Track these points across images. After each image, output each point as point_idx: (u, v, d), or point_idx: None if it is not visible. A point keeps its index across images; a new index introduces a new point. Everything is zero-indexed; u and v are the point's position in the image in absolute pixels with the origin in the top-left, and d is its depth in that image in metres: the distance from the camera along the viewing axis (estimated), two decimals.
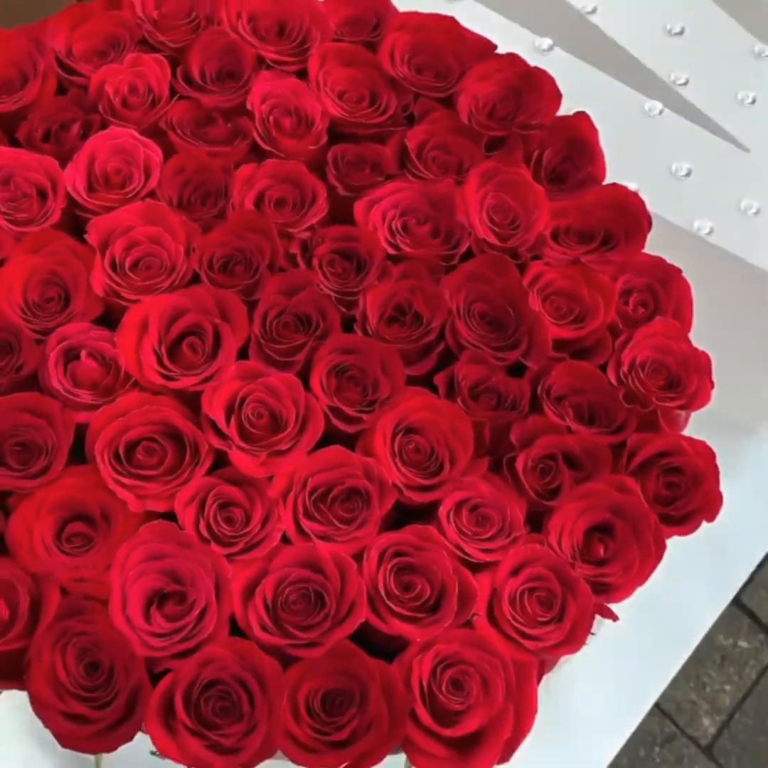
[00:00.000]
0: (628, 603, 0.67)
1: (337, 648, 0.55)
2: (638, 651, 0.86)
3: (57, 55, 0.68)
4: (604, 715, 0.83)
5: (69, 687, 0.53)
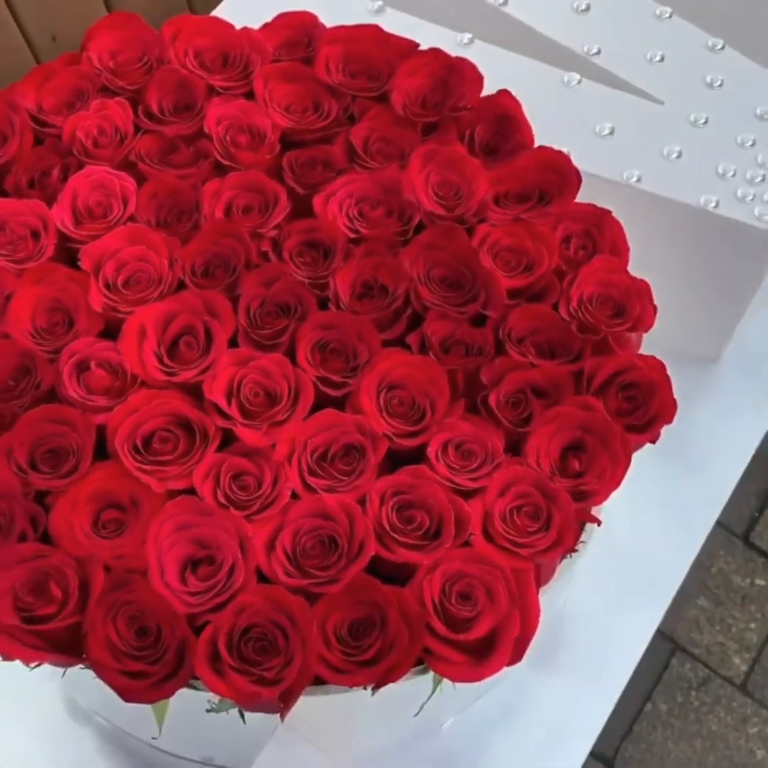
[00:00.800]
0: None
1: (354, 582, 0.61)
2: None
3: (30, 112, 0.75)
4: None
5: (123, 649, 0.59)
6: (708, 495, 0.94)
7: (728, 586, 1.50)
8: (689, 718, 1.41)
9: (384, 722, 0.71)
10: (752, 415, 0.99)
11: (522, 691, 0.84)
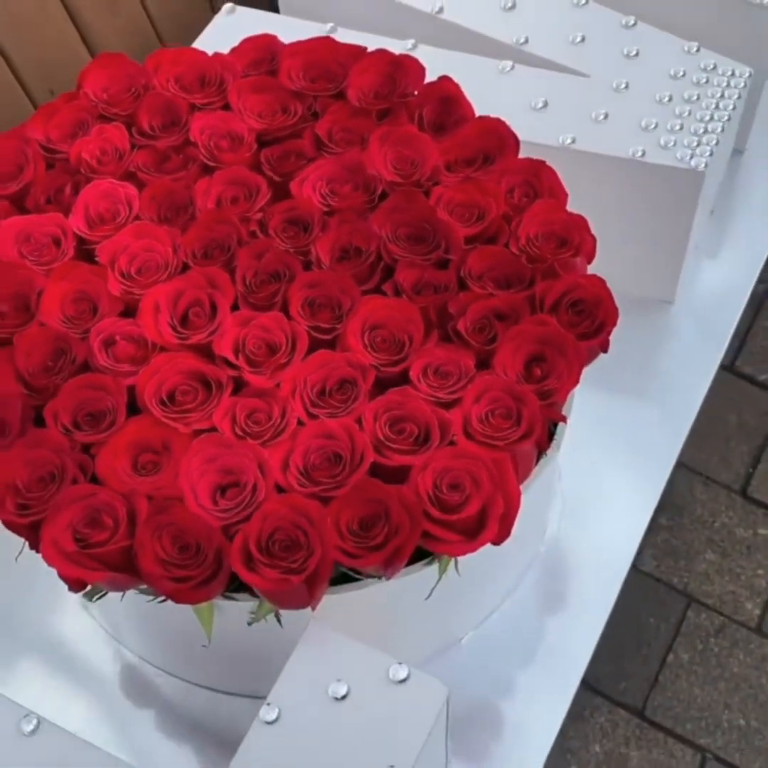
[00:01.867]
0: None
1: (359, 485, 0.71)
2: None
3: (40, 143, 0.87)
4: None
5: (170, 560, 0.69)
6: (670, 430, 1.04)
7: (732, 539, 1.58)
8: (711, 663, 1.49)
9: (406, 620, 0.80)
10: (706, 353, 1.09)
11: (527, 611, 0.93)
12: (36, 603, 0.92)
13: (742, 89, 0.96)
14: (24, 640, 0.90)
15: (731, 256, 1.11)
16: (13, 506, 0.71)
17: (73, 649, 0.91)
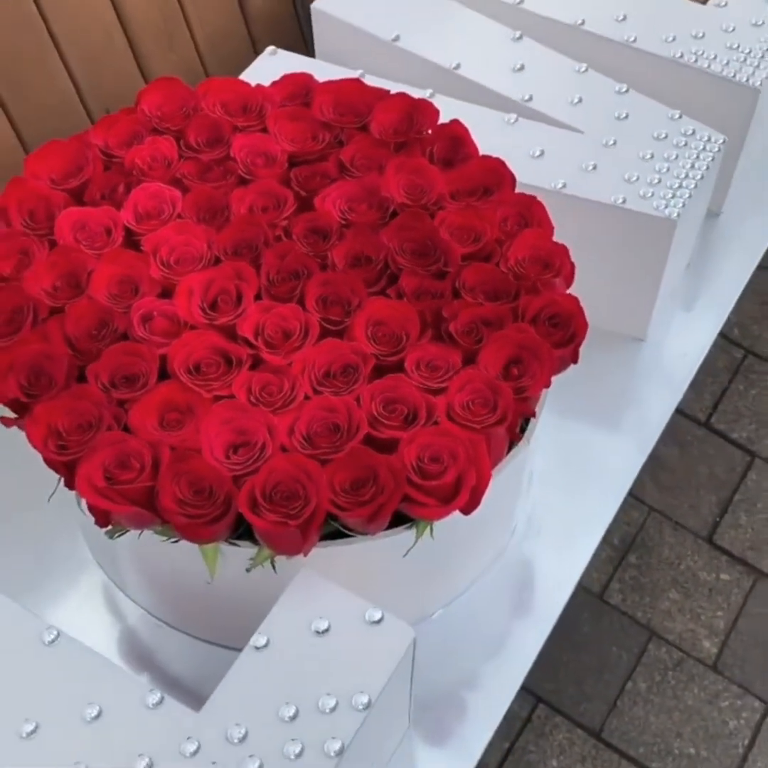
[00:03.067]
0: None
1: (353, 452, 0.81)
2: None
3: (99, 148, 1.00)
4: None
5: (185, 500, 0.79)
6: (630, 456, 1.14)
7: (696, 581, 1.67)
8: (667, 694, 1.56)
9: (386, 582, 0.90)
10: (666, 392, 1.20)
11: (491, 598, 1.03)
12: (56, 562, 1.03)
13: (716, 153, 1.08)
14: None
15: (701, 308, 1.23)
16: (54, 446, 0.81)
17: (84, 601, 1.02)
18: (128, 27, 1.21)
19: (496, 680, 0.98)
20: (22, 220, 0.94)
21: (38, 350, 0.86)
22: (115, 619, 1.00)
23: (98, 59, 1.20)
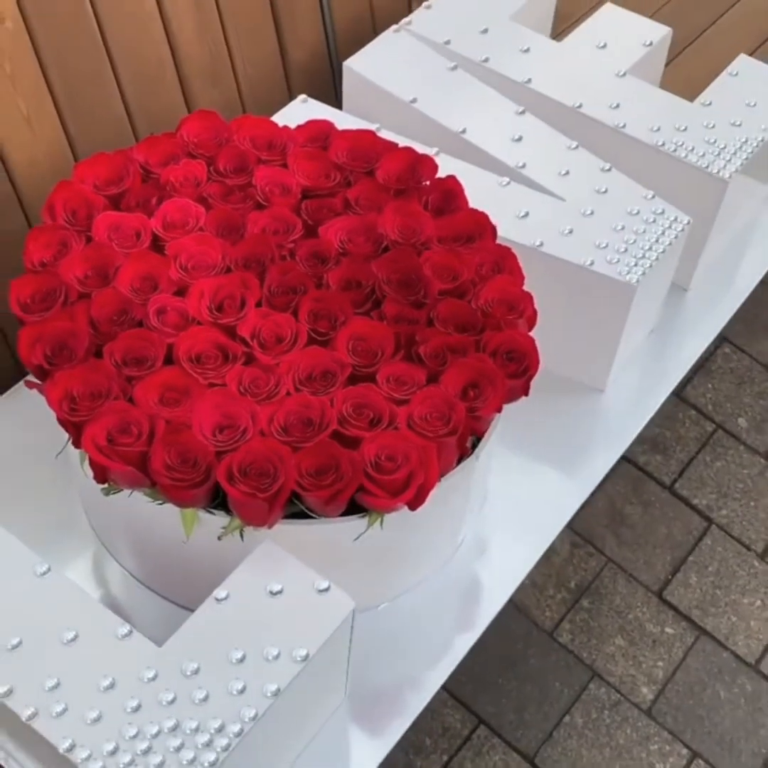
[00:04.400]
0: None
1: (321, 443, 0.94)
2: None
3: (140, 163, 1.14)
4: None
5: (173, 466, 0.92)
6: (572, 495, 1.25)
7: (642, 631, 1.75)
8: (600, 731, 1.65)
9: (339, 565, 1.02)
10: (615, 442, 1.31)
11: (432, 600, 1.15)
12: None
13: (679, 231, 1.21)
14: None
15: (658, 371, 1.35)
16: (67, 408, 0.94)
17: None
18: (179, 61, 1.36)
19: (422, 676, 1.09)
20: (65, 217, 1.08)
21: (64, 327, 0.99)
22: (101, 577, 1.13)
23: (149, 87, 1.34)
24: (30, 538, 0.95)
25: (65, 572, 1.04)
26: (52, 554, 0.96)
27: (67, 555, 1.11)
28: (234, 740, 0.83)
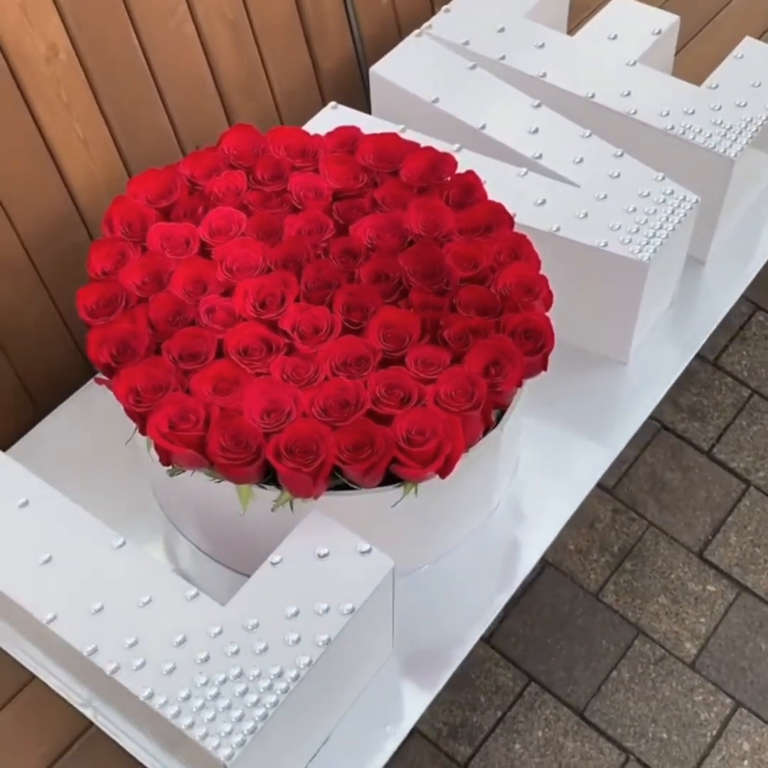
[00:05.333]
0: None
1: (357, 422, 1.04)
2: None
3: (186, 177, 1.26)
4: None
5: (227, 447, 1.03)
6: (601, 456, 1.34)
7: (684, 590, 1.80)
8: (647, 685, 1.72)
9: (381, 530, 1.12)
10: (640, 407, 1.40)
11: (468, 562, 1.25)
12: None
13: (688, 210, 1.28)
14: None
15: (679, 340, 1.44)
16: (133, 400, 1.06)
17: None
18: (218, 79, 1.47)
19: (463, 630, 1.20)
20: (122, 229, 1.20)
21: (127, 328, 1.10)
22: (170, 550, 1.25)
23: (192, 103, 1.46)
24: (107, 518, 1.07)
25: (142, 547, 1.17)
26: (127, 532, 1.08)
27: (140, 532, 1.23)
28: (292, 684, 0.95)
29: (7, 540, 1.04)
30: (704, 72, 1.52)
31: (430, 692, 1.15)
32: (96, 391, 1.16)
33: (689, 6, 1.84)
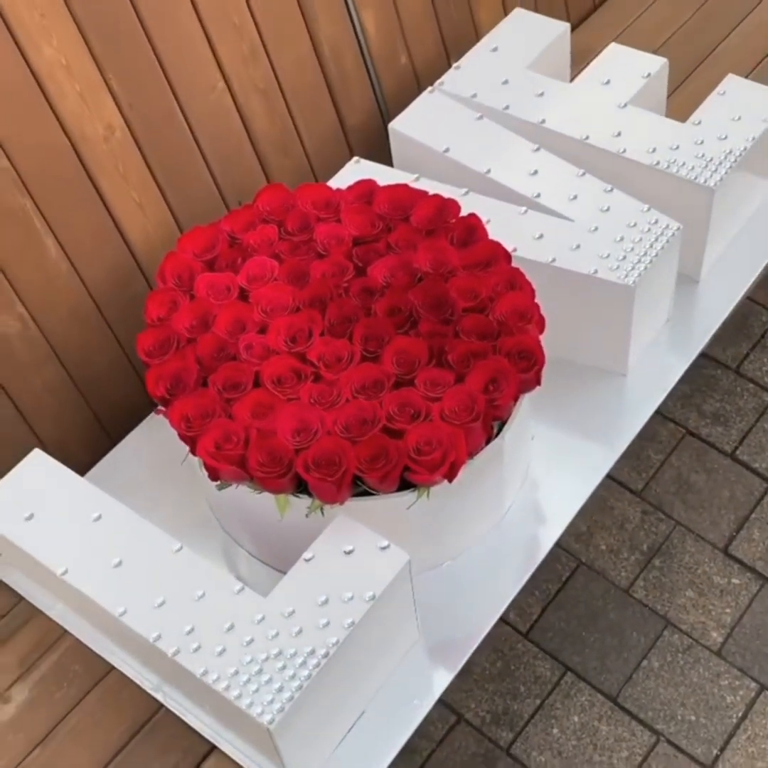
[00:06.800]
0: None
1: (374, 437, 1.19)
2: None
3: (227, 233, 1.43)
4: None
5: (264, 463, 1.19)
6: (604, 457, 1.47)
7: (710, 583, 1.87)
8: (675, 672, 1.78)
9: (398, 531, 1.28)
10: (642, 410, 1.52)
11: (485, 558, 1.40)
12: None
13: (670, 237, 1.41)
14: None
15: (676, 352, 1.56)
16: (185, 426, 1.23)
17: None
18: (255, 141, 1.65)
19: (481, 614, 1.35)
20: (174, 280, 1.38)
21: (178, 366, 1.28)
22: (222, 552, 1.43)
23: (231, 161, 1.63)
24: (171, 526, 1.25)
25: (197, 551, 1.35)
26: (187, 537, 1.25)
27: (198, 537, 1.40)
28: (322, 660, 1.11)
29: (84, 548, 1.22)
30: (695, 109, 1.66)
31: (452, 671, 1.30)
32: (158, 421, 1.34)
33: (682, 49, 1.99)
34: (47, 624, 1.34)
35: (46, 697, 1.28)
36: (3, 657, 1.32)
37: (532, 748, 1.80)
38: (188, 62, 1.50)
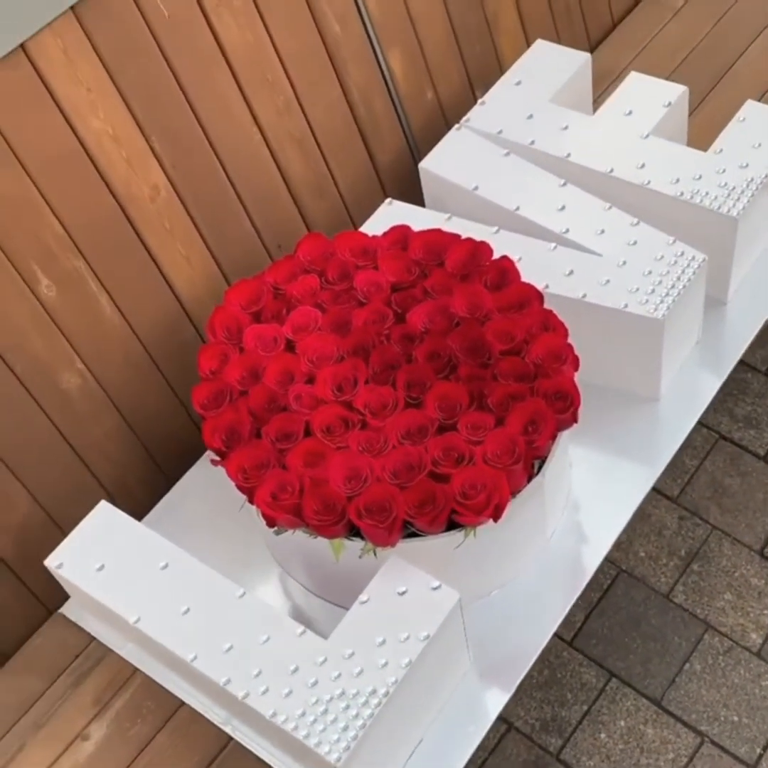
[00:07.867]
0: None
1: (421, 482, 1.24)
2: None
3: (271, 284, 1.48)
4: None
5: (318, 510, 1.24)
6: (640, 482, 1.51)
7: (748, 586, 1.88)
8: (717, 674, 1.81)
9: (448, 568, 1.33)
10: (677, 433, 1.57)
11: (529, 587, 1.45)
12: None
13: (696, 269, 1.44)
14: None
15: (706, 373, 1.60)
16: (242, 478, 1.28)
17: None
18: (291, 187, 1.70)
19: (530, 637, 1.40)
20: (223, 334, 1.43)
21: (232, 418, 1.33)
22: (283, 591, 1.49)
23: (269, 207, 1.68)
24: (231, 568, 1.31)
25: (257, 591, 1.41)
26: (248, 578, 1.31)
27: (259, 577, 1.46)
28: (383, 699, 1.16)
29: (153, 597, 1.28)
30: (715, 131, 1.69)
31: (506, 692, 1.35)
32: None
33: (696, 72, 2.01)
34: (119, 663, 1.41)
35: (122, 733, 1.35)
36: (80, 697, 1.39)
37: (581, 754, 1.85)
38: (226, 120, 1.55)
